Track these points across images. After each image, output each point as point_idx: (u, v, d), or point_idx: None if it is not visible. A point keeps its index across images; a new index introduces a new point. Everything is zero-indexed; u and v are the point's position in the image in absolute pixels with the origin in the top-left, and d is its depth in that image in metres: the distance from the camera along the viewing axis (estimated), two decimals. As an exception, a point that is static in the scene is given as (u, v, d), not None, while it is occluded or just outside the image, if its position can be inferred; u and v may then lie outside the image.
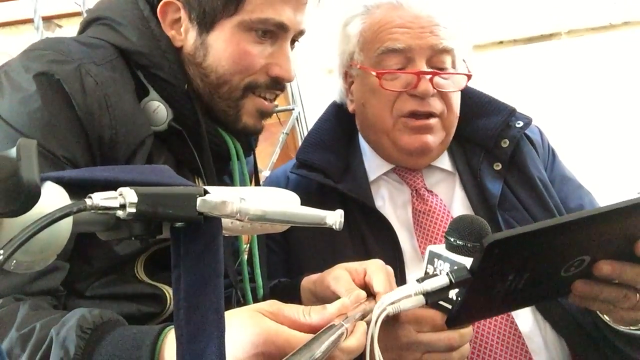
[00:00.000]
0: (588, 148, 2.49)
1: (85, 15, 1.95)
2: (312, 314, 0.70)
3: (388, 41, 1.14)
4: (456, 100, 1.19)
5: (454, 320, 0.80)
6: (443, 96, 1.15)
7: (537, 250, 0.73)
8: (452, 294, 0.79)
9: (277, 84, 0.99)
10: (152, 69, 0.94)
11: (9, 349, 0.70)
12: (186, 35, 0.96)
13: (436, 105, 1.14)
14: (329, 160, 1.21)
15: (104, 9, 0.99)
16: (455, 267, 0.75)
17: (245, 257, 1.10)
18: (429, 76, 1.12)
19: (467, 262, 0.77)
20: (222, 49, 0.95)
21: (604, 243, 0.77)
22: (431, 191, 1.20)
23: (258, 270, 1.06)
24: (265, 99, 1.00)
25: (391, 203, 1.20)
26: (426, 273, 0.84)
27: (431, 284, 0.72)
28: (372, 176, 1.23)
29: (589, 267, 0.79)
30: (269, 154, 2.34)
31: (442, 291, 0.73)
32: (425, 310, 0.83)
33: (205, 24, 0.95)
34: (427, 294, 0.73)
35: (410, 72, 1.13)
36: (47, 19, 2.27)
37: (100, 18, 0.97)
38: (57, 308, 0.81)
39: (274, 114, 1.12)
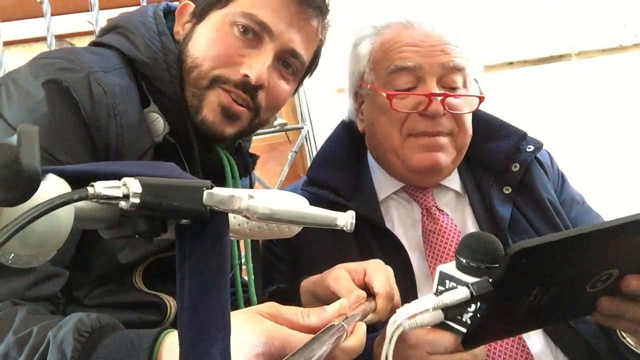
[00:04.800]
0: (597, 169, 2.47)
1: (97, 33, 1.99)
2: (311, 316, 0.70)
3: (398, 59, 1.13)
4: (468, 120, 1.17)
5: (471, 340, 0.76)
6: (454, 116, 1.14)
7: (565, 262, 0.69)
8: (466, 317, 0.76)
9: (246, 87, 0.96)
10: (154, 81, 0.95)
11: (5, 352, 0.69)
12: (185, 29, 1.01)
13: (446, 124, 1.13)
14: (340, 178, 1.19)
15: (122, 19, 1.01)
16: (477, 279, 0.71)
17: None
18: (440, 97, 1.10)
19: None
20: (203, 34, 0.98)
21: (634, 256, 0.74)
22: (442, 210, 1.18)
23: (252, 280, 1.05)
24: (232, 99, 0.96)
25: (401, 223, 1.18)
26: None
27: (450, 297, 0.68)
28: (381, 195, 1.21)
29: (616, 282, 0.75)
30: (277, 172, 2.33)
31: (462, 305, 0.68)
32: (438, 332, 0.80)
33: (200, 15, 0.99)
34: (446, 309, 0.68)
35: (420, 93, 1.11)
36: (59, 38, 2.29)
37: (117, 27, 1.00)
38: (55, 314, 0.80)
39: (284, 133, 1.12)
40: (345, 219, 0.52)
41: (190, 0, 1.02)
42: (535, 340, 1.03)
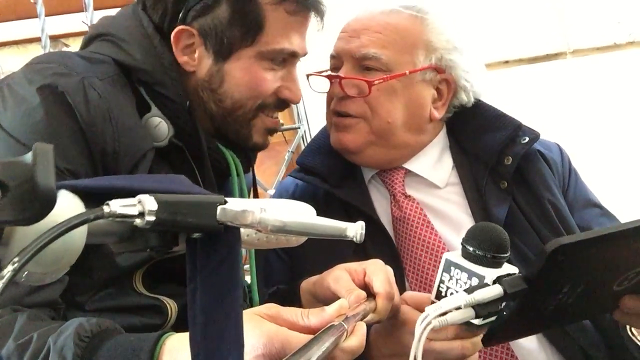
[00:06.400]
0: (593, 167, 2.47)
1: (83, 40, 1.98)
2: (311, 316, 0.70)
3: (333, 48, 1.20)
4: (384, 106, 1.14)
5: (494, 337, 0.75)
6: (366, 100, 1.14)
7: (598, 259, 0.68)
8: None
9: (284, 104, 1.04)
10: (155, 85, 0.95)
11: (6, 359, 0.68)
12: (200, 62, 0.98)
13: (353, 107, 1.14)
14: (328, 165, 1.20)
15: (107, 26, 1.00)
16: (508, 275, 0.70)
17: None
18: (336, 80, 1.15)
19: (487, 272, 0.74)
20: (239, 76, 0.98)
21: None
22: (409, 196, 1.16)
23: (255, 281, 1.05)
24: (273, 119, 1.04)
25: (381, 208, 1.18)
26: (441, 281, 0.81)
27: (483, 295, 0.66)
28: (366, 179, 1.22)
29: None
30: (274, 172, 2.33)
31: (494, 303, 0.67)
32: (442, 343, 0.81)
33: (222, 52, 0.97)
34: (477, 306, 0.67)
35: (320, 74, 1.19)
36: (54, 38, 2.28)
37: (103, 34, 0.98)
38: (56, 320, 0.80)
39: (280, 133, 1.15)
40: (355, 230, 0.52)
41: (195, 30, 0.97)
42: (528, 347, 1.03)
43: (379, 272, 0.86)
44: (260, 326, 0.66)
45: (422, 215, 1.13)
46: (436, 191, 1.18)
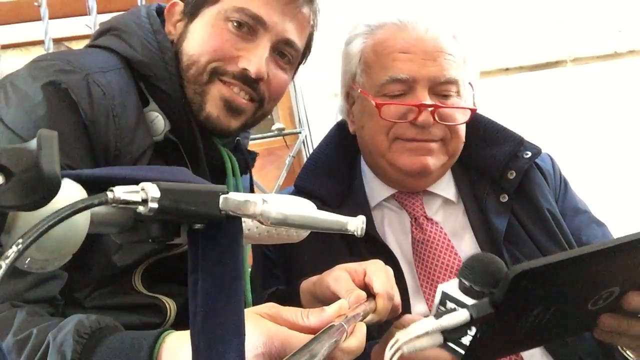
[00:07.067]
0: (593, 175, 2.48)
1: (92, 36, 1.98)
2: (311, 316, 0.69)
3: (391, 70, 1.11)
4: (461, 127, 1.15)
5: (471, 358, 0.75)
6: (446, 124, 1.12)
7: (566, 282, 0.68)
8: (466, 339, 0.75)
9: (246, 79, 0.97)
10: (153, 79, 0.96)
11: (5, 354, 0.68)
12: (178, 29, 1.01)
13: (436, 132, 1.11)
14: (327, 187, 1.18)
15: (115, 21, 1.01)
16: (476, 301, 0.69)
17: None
18: (431, 108, 1.09)
19: None
20: (197, 31, 0.98)
21: (635, 274, 0.73)
22: (431, 219, 1.16)
23: (248, 286, 1.05)
24: (234, 92, 0.98)
25: (392, 231, 1.16)
26: (437, 314, 0.80)
27: (450, 320, 0.66)
28: (373, 202, 1.19)
29: (617, 300, 0.74)
30: (275, 177, 2.33)
31: (462, 328, 0.66)
32: (431, 350, 0.80)
33: (192, 14, 0.99)
34: (445, 332, 0.67)
35: (410, 104, 1.09)
36: (57, 41, 2.29)
37: (110, 29, 1.00)
38: (55, 316, 0.80)
39: (281, 137, 1.13)
40: (356, 224, 0.52)
41: (182, 1, 1.02)
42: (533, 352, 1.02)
43: (379, 272, 0.85)
44: (260, 325, 0.66)
45: (447, 240, 1.12)
46: (450, 207, 1.18)
